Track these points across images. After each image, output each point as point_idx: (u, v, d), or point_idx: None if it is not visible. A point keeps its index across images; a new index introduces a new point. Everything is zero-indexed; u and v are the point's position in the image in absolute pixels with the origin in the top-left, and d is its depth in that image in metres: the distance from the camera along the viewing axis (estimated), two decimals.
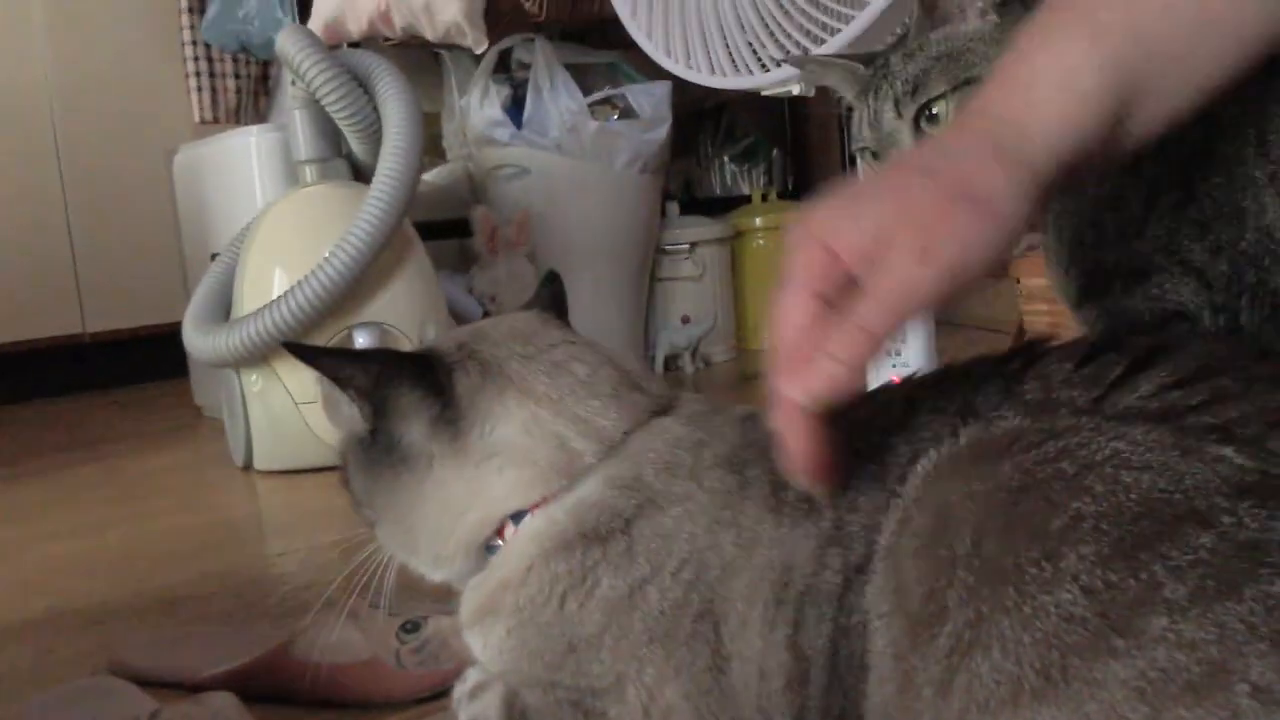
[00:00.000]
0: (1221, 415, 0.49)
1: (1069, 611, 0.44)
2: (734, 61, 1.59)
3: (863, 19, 1.39)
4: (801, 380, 0.56)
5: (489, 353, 0.73)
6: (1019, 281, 2.15)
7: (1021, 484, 0.48)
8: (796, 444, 0.57)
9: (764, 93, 1.62)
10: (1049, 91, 0.59)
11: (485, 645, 0.72)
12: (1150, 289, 0.80)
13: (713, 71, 1.62)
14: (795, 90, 1.57)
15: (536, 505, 0.69)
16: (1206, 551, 0.43)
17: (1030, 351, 0.60)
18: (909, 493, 0.57)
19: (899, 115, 0.88)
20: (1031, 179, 0.57)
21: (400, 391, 0.71)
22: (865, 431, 0.62)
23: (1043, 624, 0.44)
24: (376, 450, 0.72)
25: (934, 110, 0.86)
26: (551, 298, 0.82)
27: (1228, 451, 0.47)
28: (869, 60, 0.95)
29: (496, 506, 0.70)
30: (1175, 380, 0.52)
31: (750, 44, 1.56)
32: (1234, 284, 0.77)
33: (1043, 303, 1.80)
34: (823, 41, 1.46)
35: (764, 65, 1.55)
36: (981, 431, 0.54)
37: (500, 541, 0.71)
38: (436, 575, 0.75)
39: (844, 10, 1.43)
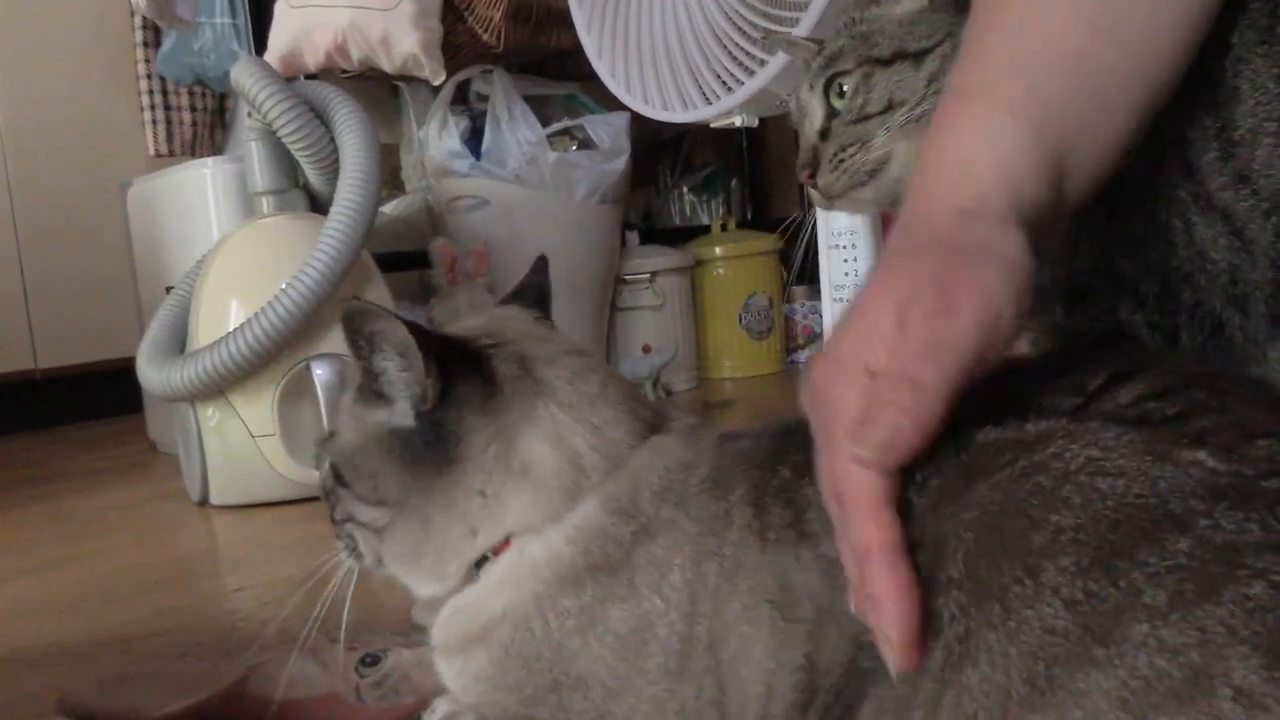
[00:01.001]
0: (1194, 425, 0.50)
1: (1051, 624, 0.44)
2: (682, 97, 1.61)
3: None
4: (863, 435, 0.51)
5: (515, 349, 0.71)
6: None
7: (1003, 506, 0.48)
8: (891, 604, 0.50)
9: (711, 124, 1.63)
10: (990, 174, 0.58)
11: (462, 673, 0.70)
12: (1089, 308, 0.80)
13: (666, 107, 1.64)
14: (738, 122, 1.58)
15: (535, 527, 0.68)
16: (1184, 556, 0.43)
17: (1013, 364, 0.60)
18: (910, 520, 0.56)
19: (811, 87, 0.91)
20: (1019, 232, 0.55)
21: (462, 375, 0.68)
22: None
23: (1027, 637, 0.44)
24: (419, 439, 0.68)
25: (843, 85, 0.87)
26: (538, 291, 0.81)
27: (1201, 455, 0.47)
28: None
29: (510, 521, 0.68)
30: (1153, 392, 0.53)
31: (695, 79, 1.58)
32: (1167, 302, 0.77)
33: None
34: (753, 72, 1.49)
35: (707, 98, 1.57)
36: (962, 451, 0.54)
37: (490, 556, 0.70)
38: (429, 590, 0.73)
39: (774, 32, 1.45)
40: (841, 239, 1.46)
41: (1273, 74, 0.69)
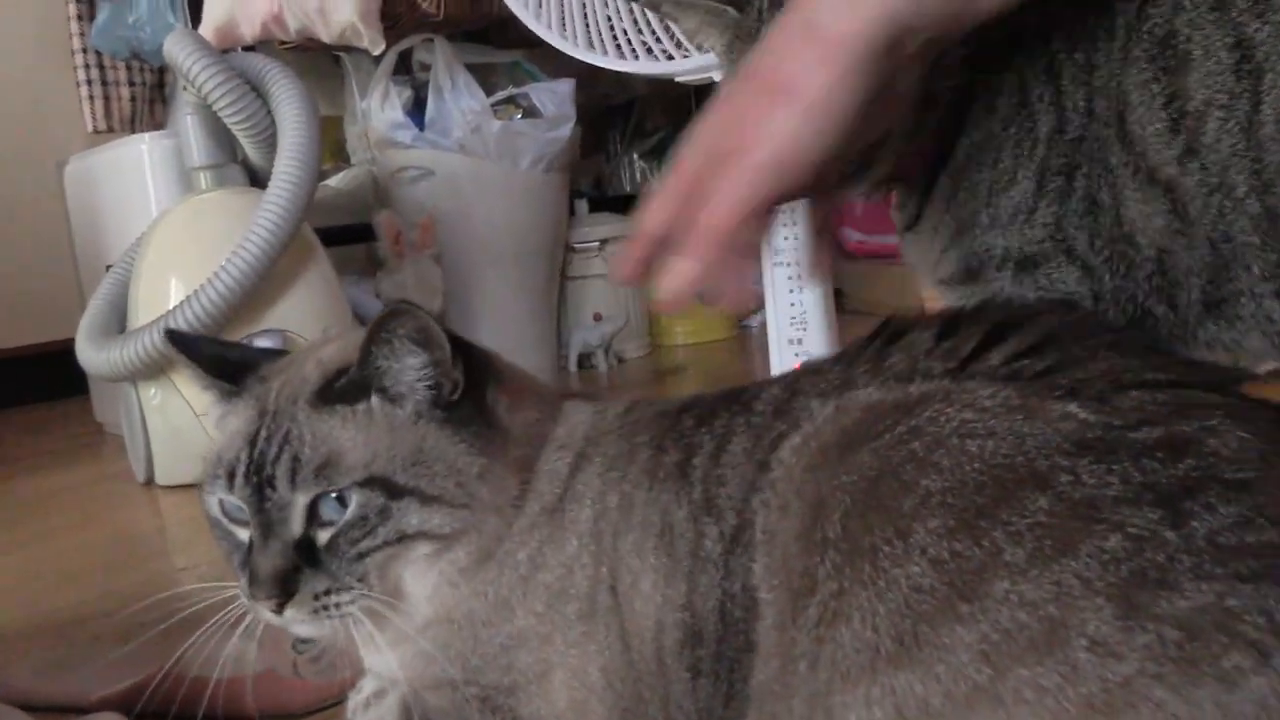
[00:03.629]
0: (1069, 376, 0.51)
1: (918, 583, 0.46)
2: (649, 49, 1.54)
3: None
4: (663, 282, 0.62)
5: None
6: None
7: (879, 471, 0.50)
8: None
9: (681, 79, 1.57)
10: None
11: (410, 651, 0.69)
12: (1040, 277, 0.80)
13: (622, 57, 1.57)
14: (718, 78, 1.49)
15: None
16: (1044, 514, 0.45)
17: (896, 326, 0.62)
18: (782, 474, 0.58)
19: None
20: (850, 52, 0.58)
21: (468, 359, 0.68)
22: (749, 414, 0.65)
23: (895, 595, 0.46)
24: (466, 422, 0.67)
25: None
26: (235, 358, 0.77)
27: (1072, 407, 0.49)
28: (742, 4, 0.89)
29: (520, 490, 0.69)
30: (1025, 349, 0.54)
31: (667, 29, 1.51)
32: (1100, 281, 0.78)
33: None
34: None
35: (686, 51, 1.50)
36: (843, 414, 0.56)
37: None
38: (432, 608, 0.68)
39: None
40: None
41: (1225, 43, 0.68)
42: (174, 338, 0.76)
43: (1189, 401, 0.50)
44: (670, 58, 1.52)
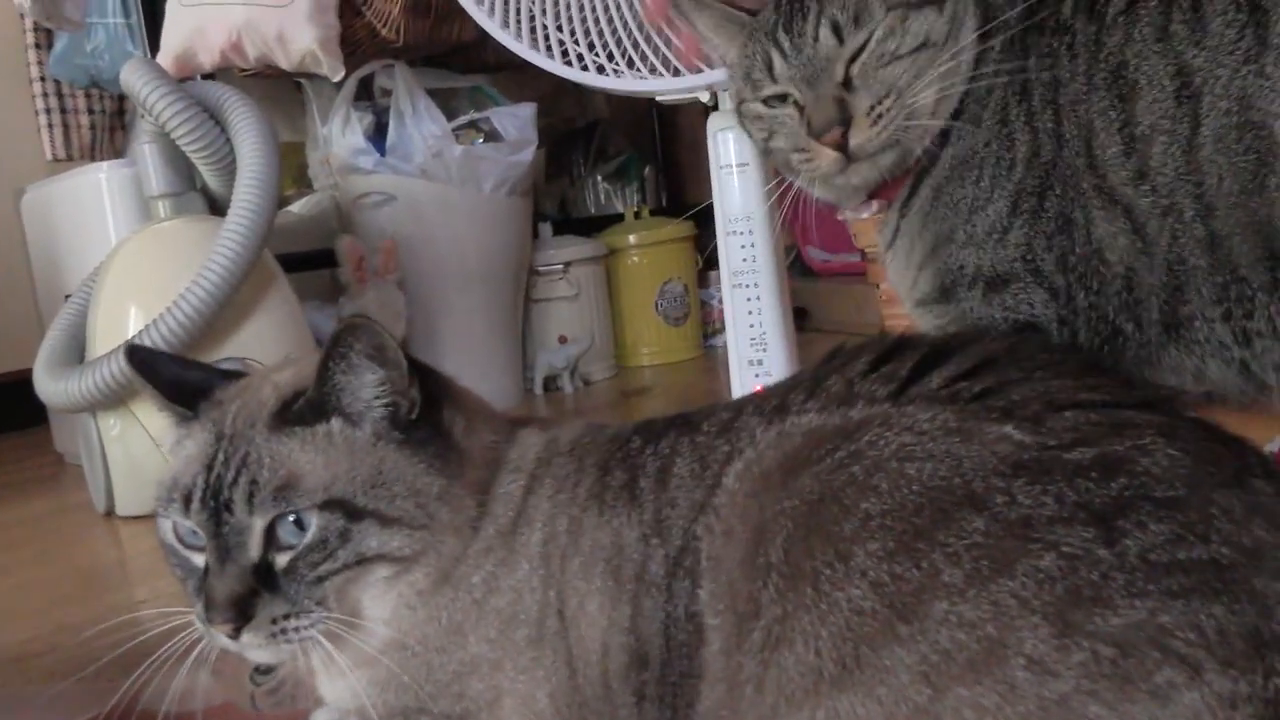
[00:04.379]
0: (1005, 398, 0.52)
1: (859, 605, 0.46)
2: (633, 65, 1.51)
3: None
4: None
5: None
6: (879, 286, 2.20)
7: (820, 495, 0.51)
8: None
9: (662, 99, 1.53)
10: None
11: (364, 678, 0.69)
12: (1007, 297, 0.82)
13: (603, 73, 1.53)
14: (704, 98, 1.49)
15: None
16: (980, 535, 0.46)
17: (839, 352, 0.63)
18: (725, 500, 0.59)
19: (840, 41, 0.84)
20: None
21: (426, 381, 0.70)
22: (694, 434, 0.66)
23: (836, 618, 0.47)
24: (425, 444, 0.68)
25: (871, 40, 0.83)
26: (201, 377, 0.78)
27: (1008, 429, 0.50)
28: (756, 12, 0.92)
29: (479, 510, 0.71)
30: (963, 372, 0.55)
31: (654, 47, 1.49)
32: (1071, 300, 0.80)
33: (901, 305, 1.84)
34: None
35: (676, 70, 1.44)
36: (786, 439, 0.57)
37: None
38: (392, 629, 0.69)
39: None
40: (738, 225, 1.47)
41: (1168, 71, 0.72)
42: (134, 356, 0.75)
43: (1122, 421, 0.51)
44: (658, 75, 1.48)
